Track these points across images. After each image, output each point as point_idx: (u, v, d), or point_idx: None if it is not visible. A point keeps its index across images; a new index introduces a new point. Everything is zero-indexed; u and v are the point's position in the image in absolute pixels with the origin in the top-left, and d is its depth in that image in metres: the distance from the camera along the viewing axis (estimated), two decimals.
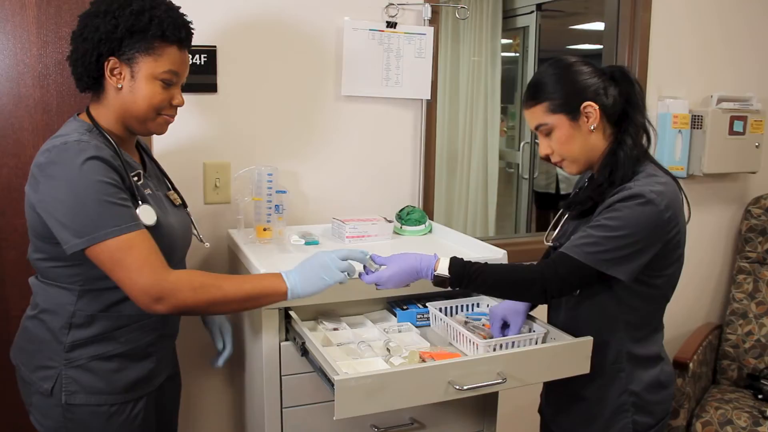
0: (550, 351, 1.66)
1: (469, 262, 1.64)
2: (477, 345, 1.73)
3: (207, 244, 1.95)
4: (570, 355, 1.68)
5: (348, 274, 1.67)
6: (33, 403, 1.68)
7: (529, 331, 1.83)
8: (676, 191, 1.67)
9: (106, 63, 1.58)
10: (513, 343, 1.75)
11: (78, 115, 1.67)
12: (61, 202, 1.48)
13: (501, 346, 1.72)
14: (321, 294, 1.69)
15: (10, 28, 2.14)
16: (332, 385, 1.44)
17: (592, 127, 1.68)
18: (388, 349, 1.77)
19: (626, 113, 1.70)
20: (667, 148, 3.07)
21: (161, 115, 1.67)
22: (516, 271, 1.66)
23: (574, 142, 1.70)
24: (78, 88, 1.68)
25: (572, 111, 1.68)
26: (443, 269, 1.63)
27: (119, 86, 1.60)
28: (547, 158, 1.76)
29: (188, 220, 1.87)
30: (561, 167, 1.78)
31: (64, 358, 1.62)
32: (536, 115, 1.72)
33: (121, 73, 1.59)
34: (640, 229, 1.58)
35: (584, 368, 1.68)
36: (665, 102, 3.11)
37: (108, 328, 1.63)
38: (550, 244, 1.90)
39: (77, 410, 1.62)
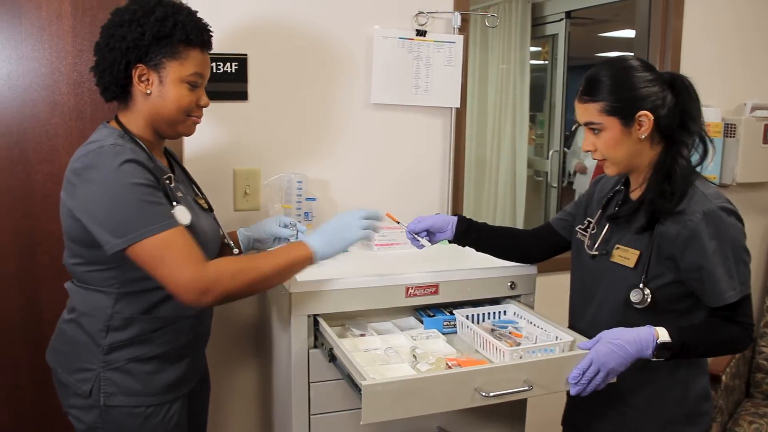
0: (577, 359, 1.65)
1: (682, 329, 1.61)
2: (503, 352, 1.72)
3: (236, 250, 1.97)
4: None
5: (373, 230, 1.78)
6: (71, 405, 1.71)
7: (556, 339, 1.82)
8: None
9: (134, 70, 1.62)
10: (540, 350, 1.74)
11: (107, 122, 1.71)
12: (100, 204, 1.52)
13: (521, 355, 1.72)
14: (348, 301, 1.71)
15: (46, 37, 2.18)
16: (359, 390, 1.45)
17: (642, 136, 1.66)
18: (414, 356, 1.77)
19: (682, 124, 1.67)
20: None
21: (190, 117, 1.71)
22: (720, 334, 1.64)
23: (621, 146, 1.67)
24: (104, 97, 1.71)
25: (627, 117, 1.64)
26: (664, 335, 1.57)
27: (148, 92, 1.63)
28: (588, 152, 1.75)
29: (217, 224, 1.89)
30: (601, 165, 1.75)
31: (102, 361, 1.64)
32: (589, 112, 1.69)
33: (149, 79, 1.63)
34: (743, 241, 1.64)
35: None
36: None
37: (145, 330, 1.66)
38: (593, 253, 1.82)
39: (115, 411, 1.65)
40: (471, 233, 1.98)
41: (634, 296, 1.68)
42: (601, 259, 1.79)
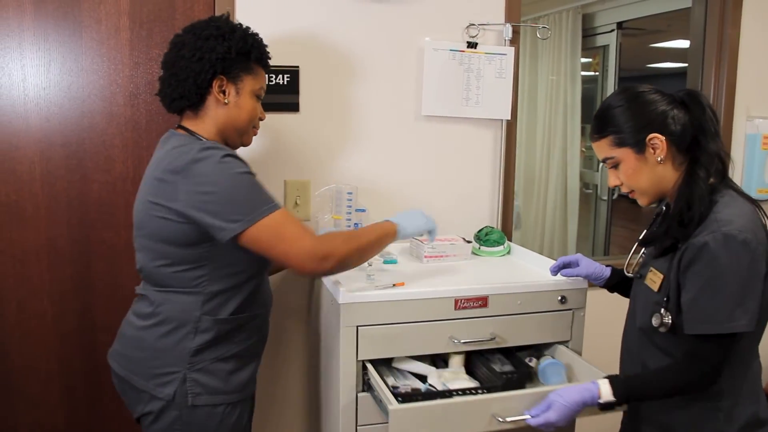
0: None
1: (628, 379, 1.60)
2: None
3: None
4: None
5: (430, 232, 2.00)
6: (146, 410, 1.74)
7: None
8: (758, 219, 1.58)
9: (215, 81, 1.73)
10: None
11: (174, 130, 1.78)
12: (212, 194, 1.59)
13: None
14: (397, 313, 1.83)
15: (105, 50, 2.23)
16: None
17: (659, 159, 1.61)
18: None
19: (698, 141, 1.61)
20: (757, 170, 2.97)
21: (253, 128, 1.86)
22: (668, 379, 1.58)
23: (641, 174, 1.64)
24: (174, 107, 1.78)
25: (637, 144, 1.62)
26: (607, 395, 1.57)
27: (225, 102, 1.75)
28: (617, 188, 1.72)
29: None
30: (632, 197, 1.72)
31: (187, 363, 1.70)
32: (602, 149, 1.68)
33: (226, 90, 1.75)
34: (742, 273, 1.50)
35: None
36: (754, 122, 3.01)
37: (226, 330, 1.73)
38: (630, 275, 1.84)
39: (198, 412, 1.70)
40: (621, 285, 1.96)
41: (655, 321, 1.64)
42: (638, 281, 1.78)
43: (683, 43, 6.68)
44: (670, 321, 1.61)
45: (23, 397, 2.33)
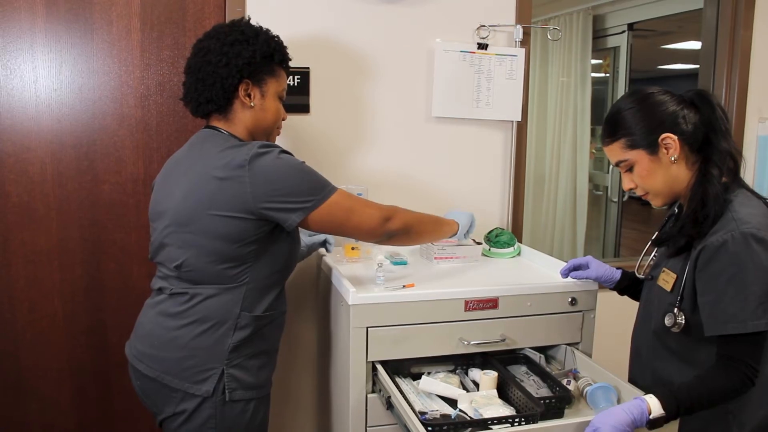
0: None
1: (674, 391, 1.52)
2: None
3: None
4: None
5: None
6: (178, 409, 1.73)
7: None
8: None
9: (241, 85, 1.78)
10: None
11: (209, 128, 1.83)
12: (280, 182, 1.66)
13: None
14: (407, 314, 1.83)
15: (116, 52, 2.24)
16: None
17: (672, 159, 1.61)
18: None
19: (709, 140, 1.61)
20: None
21: (278, 128, 1.92)
22: (713, 386, 1.52)
23: (655, 175, 1.64)
24: (199, 111, 1.81)
25: (650, 145, 1.61)
26: (657, 409, 1.48)
27: (252, 105, 1.81)
28: (631, 191, 1.72)
29: None
30: (646, 199, 1.72)
31: (226, 358, 1.72)
32: (615, 152, 1.68)
33: (251, 94, 1.80)
34: (763, 270, 1.48)
35: None
36: (766, 124, 2.99)
37: (261, 326, 1.77)
38: (642, 277, 1.84)
39: (234, 407, 1.73)
40: (631, 287, 1.96)
41: (668, 320, 1.64)
42: (651, 282, 1.77)
43: (695, 45, 6.65)
44: (683, 321, 1.60)
45: (35, 397, 2.34)
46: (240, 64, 1.75)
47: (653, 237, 1.80)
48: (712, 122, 1.61)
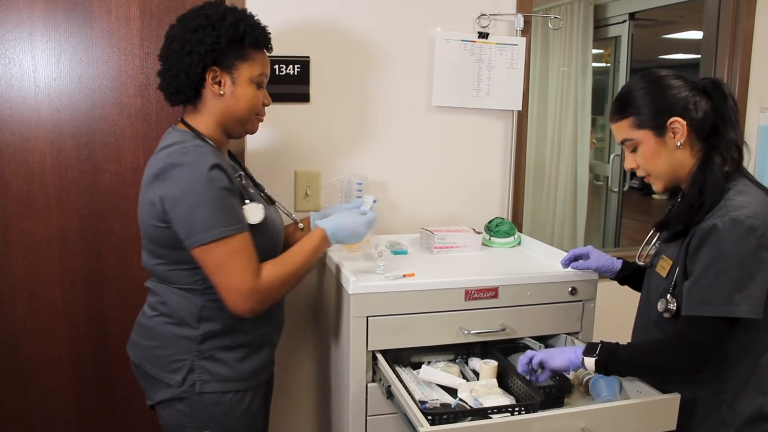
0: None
1: (611, 348, 1.62)
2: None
3: (301, 224, 2.07)
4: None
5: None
6: (159, 399, 1.75)
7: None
8: None
9: (208, 73, 1.68)
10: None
11: (175, 126, 1.76)
12: (180, 203, 1.57)
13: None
14: (407, 303, 1.83)
15: (115, 41, 2.23)
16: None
17: (678, 143, 1.61)
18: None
19: (717, 129, 1.61)
20: None
21: (257, 116, 1.80)
22: (664, 358, 1.58)
23: (659, 158, 1.64)
24: (172, 101, 1.76)
25: (658, 127, 1.61)
26: (589, 365, 1.63)
27: (221, 93, 1.70)
28: (632, 172, 1.72)
29: (281, 217, 1.94)
30: (648, 182, 1.72)
31: (195, 350, 1.70)
32: (622, 130, 1.67)
33: (221, 81, 1.70)
34: (745, 257, 1.49)
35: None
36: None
37: (230, 319, 1.71)
38: (642, 263, 1.84)
39: (206, 399, 1.71)
40: (631, 277, 1.96)
41: (660, 305, 1.65)
42: (651, 270, 1.78)
43: (696, 34, 6.62)
44: (674, 307, 1.61)
45: (35, 387, 2.34)
46: (202, 51, 1.65)
47: (655, 223, 1.81)
48: (722, 112, 1.61)
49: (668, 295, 1.63)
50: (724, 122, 1.61)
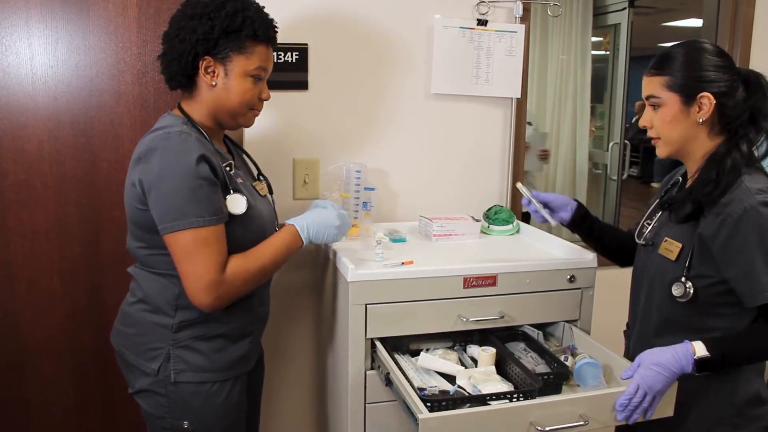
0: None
1: (720, 340, 1.59)
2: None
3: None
4: None
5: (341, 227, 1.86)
6: (138, 386, 1.75)
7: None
8: None
9: (201, 62, 1.66)
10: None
11: (171, 110, 1.75)
12: (156, 187, 1.56)
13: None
14: (406, 291, 1.82)
15: (113, 28, 2.22)
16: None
17: (700, 120, 1.62)
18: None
19: (752, 120, 1.63)
20: None
21: (251, 110, 1.77)
22: (762, 339, 1.58)
23: (676, 125, 1.64)
24: (169, 85, 1.75)
25: (688, 95, 1.62)
26: (701, 351, 1.54)
27: (213, 84, 1.68)
28: (644, 129, 1.72)
29: (273, 209, 1.92)
30: (654, 144, 1.72)
31: (171, 339, 1.69)
32: (653, 86, 1.67)
33: (214, 71, 1.68)
34: None
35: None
36: None
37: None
38: (642, 242, 1.83)
39: (182, 389, 1.69)
40: (586, 220, 2.00)
41: (676, 290, 1.65)
42: (650, 249, 1.77)
43: (696, 22, 6.61)
44: (692, 290, 1.62)
45: (34, 375, 2.35)
46: (194, 40, 1.63)
47: (658, 200, 1.81)
48: (758, 105, 1.62)
49: (683, 279, 1.64)
50: (761, 114, 1.63)
